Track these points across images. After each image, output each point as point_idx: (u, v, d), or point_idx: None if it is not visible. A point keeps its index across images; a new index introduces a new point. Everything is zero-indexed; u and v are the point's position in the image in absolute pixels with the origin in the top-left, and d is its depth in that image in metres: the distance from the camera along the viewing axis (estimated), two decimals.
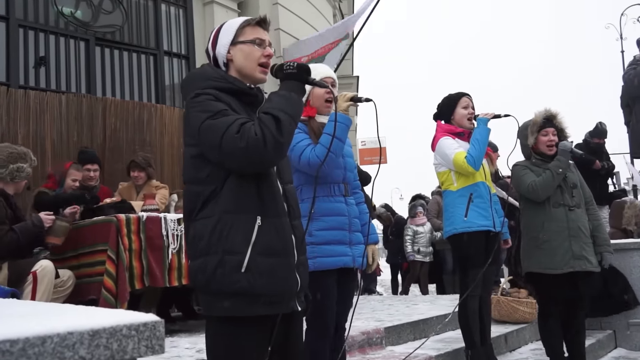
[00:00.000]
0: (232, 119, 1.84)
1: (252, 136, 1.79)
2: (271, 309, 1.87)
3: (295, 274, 1.95)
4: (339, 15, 11.43)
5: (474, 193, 3.72)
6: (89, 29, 6.56)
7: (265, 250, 1.86)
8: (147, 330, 1.06)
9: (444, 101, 3.94)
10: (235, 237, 1.84)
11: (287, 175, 2.09)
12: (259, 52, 2.02)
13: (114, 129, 6.03)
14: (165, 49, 7.27)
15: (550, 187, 3.82)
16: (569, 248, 3.77)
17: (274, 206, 1.93)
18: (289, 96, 1.92)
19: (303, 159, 2.57)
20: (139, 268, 3.98)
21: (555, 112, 3.97)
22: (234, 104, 1.93)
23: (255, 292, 1.84)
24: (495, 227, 3.74)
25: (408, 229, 8.67)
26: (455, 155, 3.68)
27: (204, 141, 1.86)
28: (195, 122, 1.87)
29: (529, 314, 5.03)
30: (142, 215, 4.10)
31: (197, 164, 1.90)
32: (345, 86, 12.80)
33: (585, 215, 3.90)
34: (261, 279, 1.84)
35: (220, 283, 1.83)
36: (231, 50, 2.02)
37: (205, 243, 1.85)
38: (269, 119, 1.83)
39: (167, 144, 6.41)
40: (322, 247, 2.55)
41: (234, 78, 2.00)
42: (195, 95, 1.91)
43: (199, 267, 1.87)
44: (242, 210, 1.86)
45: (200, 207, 1.89)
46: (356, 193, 2.86)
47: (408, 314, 5.00)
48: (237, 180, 1.87)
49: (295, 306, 1.96)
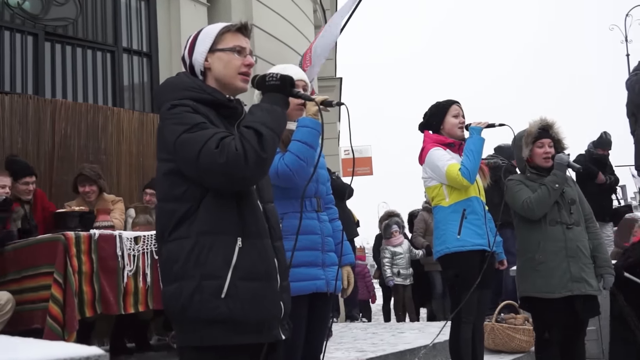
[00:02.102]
0: (210, 132, 1.88)
1: (232, 151, 1.83)
2: (254, 337, 1.90)
3: (279, 299, 1.99)
4: (319, 10, 11.51)
5: (467, 209, 3.76)
6: (38, 22, 6.52)
7: (247, 274, 1.90)
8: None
9: (432, 110, 3.99)
10: (214, 260, 1.87)
11: (268, 194, 2.13)
12: (239, 60, 2.07)
13: (65, 135, 5.98)
14: (125, 45, 7.24)
15: (546, 204, 3.88)
16: (567, 270, 3.82)
17: (255, 227, 1.97)
18: (272, 109, 1.97)
19: (271, 170, 2.58)
20: (89, 293, 3.94)
21: (551, 122, 4.04)
22: (212, 117, 1.97)
23: (237, 320, 1.87)
24: (490, 246, 3.79)
25: (385, 250, 8.69)
26: (448, 167, 3.72)
27: (180, 156, 1.90)
28: (171, 136, 1.91)
29: (526, 342, 5.09)
30: (93, 233, 4.07)
31: (172, 181, 1.94)
32: (327, 89, 12.89)
33: (584, 233, 3.96)
34: (243, 305, 1.87)
35: (198, 310, 1.85)
36: (209, 58, 2.07)
37: (180, 266, 1.88)
38: (250, 134, 1.87)
39: (124, 152, 6.37)
40: (292, 270, 2.54)
41: (212, 89, 2.05)
42: (171, 106, 1.95)
43: (174, 293, 1.89)
44: (221, 230, 1.90)
45: (174, 227, 1.92)
46: (329, 208, 2.88)
47: (393, 344, 5.02)
48: (216, 199, 1.91)
49: (278, 335, 1.99)
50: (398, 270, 8.54)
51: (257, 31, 8.00)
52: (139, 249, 4.14)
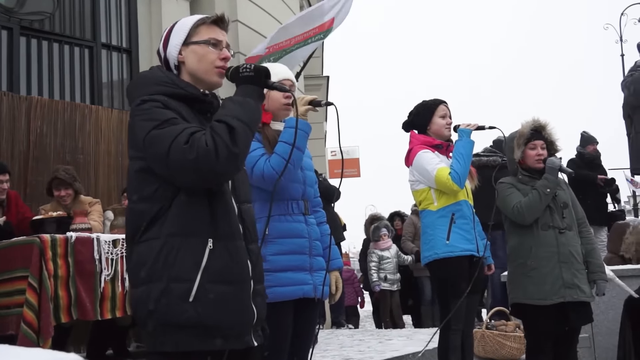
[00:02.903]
0: (180, 128, 1.87)
1: (202, 146, 1.82)
2: (223, 343, 1.88)
3: (251, 304, 1.96)
4: (306, 6, 11.52)
5: (456, 213, 3.77)
6: (13, 16, 6.47)
7: (217, 277, 1.88)
8: None
9: (418, 109, 3.99)
10: (183, 262, 1.86)
11: (244, 194, 2.11)
12: (215, 54, 2.06)
13: (40, 134, 5.94)
14: (104, 41, 7.21)
15: (537, 209, 3.90)
16: (560, 275, 3.85)
17: (228, 227, 1.96)
18: (244, 102, 1.95)
19: (256, 171, 2.59)
20: (65, 298, 3.91)
21: (544, 123, 4.07)
22: (184, 112, 1.96)
23: (206, 325, 1.85)
24: (479, 252, 3.81)
25: (372, 254, 8.70)
26: (437, 171, 3.72)
27: (149, 153, 1.89)
28: (140, 133, 1.90)
29: (516, 349, 5.12)
30: (70, 236, 4.04)
31: (142, 179, 1.93)
32: (313, 87, 12.89)
33: (577, 238, 3.99)
34: (212, 310, 1.86)
35: (165, 314, 1.84)
36: (183, 51, 2.06)
37: (149, 269, 1.87)
38: (221, 128, 1.86)
39: (102, 152, 6.34)
40: (278, 274, 2.56)
41: (185, 83, 2.04)
42: (141, 102, 1.94)
43: (141, 296, 1.88)
44: (192, 231, 1.89)
45: (145, 228, 1.90)
46: (317, 211, 2.88)
47: (380, 351, 5.03)
48: (188, 198, 1.90)
49: (250, 341, 1.97)
50: (385, 275, 8.55)
51: (241, 27, 8.00)
52: (118, 252, 4.12)
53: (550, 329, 3.92)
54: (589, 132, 7.73)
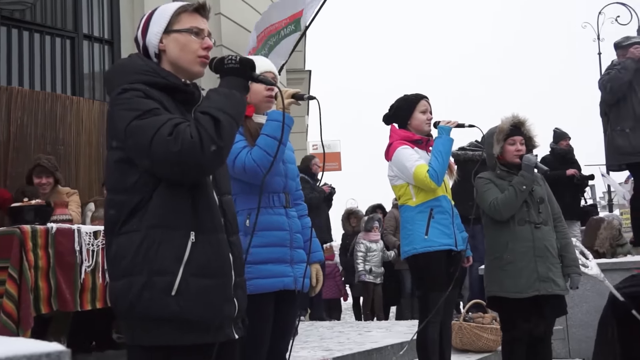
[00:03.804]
0: (163, 118, 1.83)
1: (187, 139, 1.78)
2: (205, 336, 1.87)
3: (232, 297, 1.95)
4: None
5: (435, 208, 3.80)
6: None
7: (200, 270, 1.86)
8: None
9: (400, 103, 4.00)
10: (165, 255, 1.83)
11: (225, 186, 2.09)
12: (197, 43, 2.02)
13: (21, 125, 5.86)
14: (85, 31, 7.13)
15: (514, 206, 3.94)
16: (535, 269, 3.90)
17: (210, 220, 1.93)
18: (230, 94, 1.92)
19: (238, 164, 2.59)
20: (45, 289, 3.88)
21: (523, 119, 4.11)
22: (166, 102, 1.92)
23: (188, 318, 1.83)
24: (457, 246, 3.84)
25: (360, 244, 8.71)
26: (416, 168, 3.74)
27: (130, 144, 1.84)
28: (121, 123, 1.85)
29: (493, 341, 5.18)
30: (51, 227, 4.01)
31: (122, 170, 1.89)
32: (295, 81, 12.87)
33: (552, 233, 4.05)
34: (194, 303, 1.84)
35: (147, 308, 1.82)
36: (164, 39, 2.01)
37: (129, 261, 1.84)
38: (206, 120, 1.82)
39: (84, 143, 6.28)
40: (259, 266, 2.57)
41: (167, 72, 1.99)
42: (122, 91, 1.89)
43: (121, 289, 1.85)
44: (174, 224, 1.86)
45: (124, 220, 1.87)
46: (298, 204, 2.90)
47: (360, 343, 5.06)
48: (169, 190, 1.87)
49: (231, 334, 1.97)
50: (370, 268, 8.57)
51: (224, 20, 7.97)
52: (98, 243, 4.09)
53: (525, 321, 3.97)
54: (561, 128, 7.83)
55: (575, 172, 7.37)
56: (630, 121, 5.83)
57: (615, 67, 5.98)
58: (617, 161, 6.00)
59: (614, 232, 6.72)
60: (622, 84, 5.82)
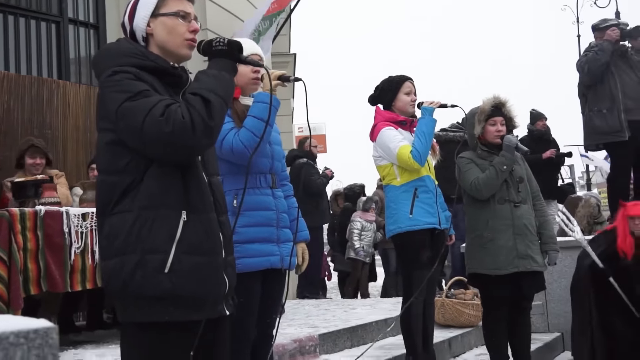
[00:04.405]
0: (154, 100, 1.84)
1: (178, 120, 1.79)
2: (197, 313, 1.89)
3: (223, 275, 1.98)
4: None
5: (419, 188, 3.83)
6: None
7: (192, 248, 1.88)
8: (38, 337, 1.06)
9: (384, 84, 4.00)
10: (158, 234, 1.85)
11: (213, 167, 2.10)
12: (184, 26, 2.02)
13: (7, 109, 5.80)
14: (70, 16, 7.03)
15: (494, 185, 3.98)
16: (514, 247, 3.95)
17: (201, 200, 1.95)
18: (219, 76, 1.93)
19: (225, 145, 2.59)
20: (35, 270, 3.88)
21: (504, 100, 4.14)
22: (156, 85, 1.93)
23: (181, 295, 1.85)
24: (441, 224, 3.87)
25: (357, 222, 8.71)
26: (399, 149, 3.76)
27: (122, 126, 1.85)
28: (112, 105, 1.85)
29: (474, 317, 5.25)
30: (39, 209, 3.99)
31: (113, 152, 1.89)
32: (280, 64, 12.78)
33: (531, 211, 4.10)
34: (187, 281, 1.86)
35: (140, 286, 1.83)
36: (151, 23, 2.02)
37: (122, 241, 1.85)
38: (197, 101, 1.84)
39: (71, 127, 6.23)
40: (246, 246, 2.58)
41: (155, 55, 1.99)
42: (112, 73, 1.89)
43: (114, 268, 1.87)
44: (166, 204, 1.87)
45: (116, 200, 1.88)
46: (284, 185, 2.91)
47: (345, 319, 5.10)
48: (160, 171, 1.88)
49: (223, 310, 2.00)
50: (363, 246, 8.61)
51: (209, 4, 7.88)
52: (87, 225, 4.09)
53: (505, 297, 4.03)
54: (537, 109, 7.86)
55: (552, 153, 7.40)
56: (607, 102, 5.86)
57: (592, 49, 5.99)
58: (594, 141, 6.04)
59: (591, 210, 6.80)
60: (599, 66, 5.85)
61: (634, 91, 5.86)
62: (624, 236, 4.34)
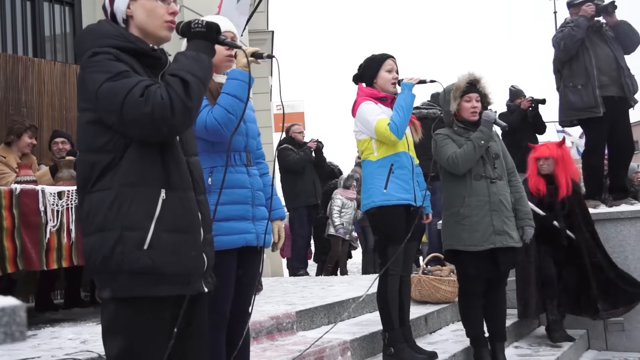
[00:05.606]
0: (134, 80, 1.86)
1: (158, 100, 1.82)
2: (176, 289, 1.92)
3: (202, 252, 2.01)
4: None
5: (395, 164, 3.83)
6: None
7: (171, 226, 1.91)
8: (4, 315, 1.06)
9: (367, 62, 4.01)
10: (137, 211, 1.88)
11: (192, 147, 2.14)
12: (163, 8, 2.06)
13: None
14: None
15: (471, 160, 4.00)
16: (490, 223, 3.98)
17: (180, 179, 1.98)
18: (197, 57, 1.97)
19: (199, 122, 2.56)
20: (11, 249, 3.84)
21: (479, 76, 4.15)
22: (136, 66, 1.96)
23: (159, 271, 1.88)
24: (417, 201, 3.89)
25: (337, 199, 8.71)
26: (377, 122, 3.77)
27: (102, 106, 1.87)
28: (92, 85, 1.88)
29: (450, 293, 5.30)
30: (15, 188, 3.94)
31: (93, 131, 1.92)
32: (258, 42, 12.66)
33: (507, 187, 4.13)
34: (166, 257, 1.89)
35: (120, 261, 1.85)
36: (131, 5, 2.05)
37: (102, 218, 1.87)
38: (176, 82, 1.87)
39: (46, 105, 6.16)
40: (222, 224, 2.56)
41: (135, 37, 2.03)
42: (93, 54, 1.92)
43: (94, 245, 1.89)
44: (145, 182, 1.90)
45: (96, 178, 1.90)
46: (260, 163, 2.88)
47: (322, 297, 5.12)
48: (139, 150, 1.91)
49: (201, 287, 2.03)
50: (342, 222, 8.62)
51: None
52: (63, 204, 4.05)
53: (481, 273, 4.07)
54: (516, 86, 7.86)
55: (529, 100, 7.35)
56: (582, 78, 5.90)
57: (568, 25, 6.01)
58: (569, 116, 6.09)
59: None
60: (574, 42, 5.87)
61: (609, 67, 5.89)
62: (534, 176, 5.07)
